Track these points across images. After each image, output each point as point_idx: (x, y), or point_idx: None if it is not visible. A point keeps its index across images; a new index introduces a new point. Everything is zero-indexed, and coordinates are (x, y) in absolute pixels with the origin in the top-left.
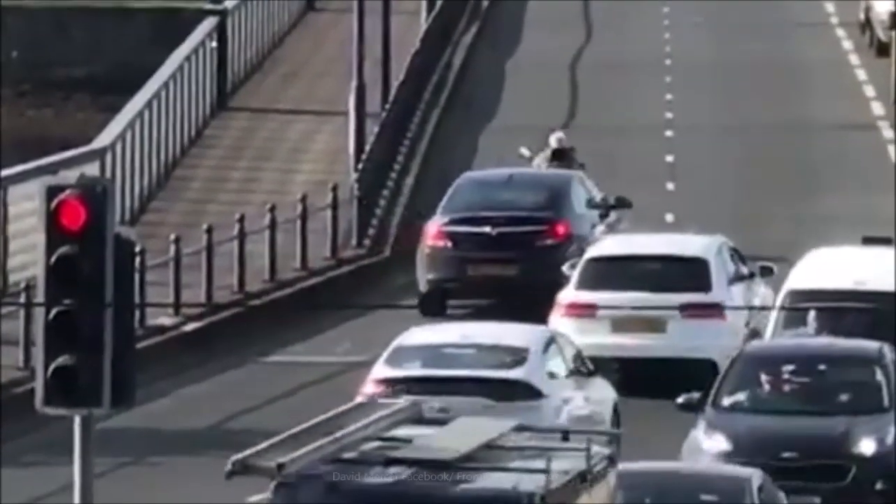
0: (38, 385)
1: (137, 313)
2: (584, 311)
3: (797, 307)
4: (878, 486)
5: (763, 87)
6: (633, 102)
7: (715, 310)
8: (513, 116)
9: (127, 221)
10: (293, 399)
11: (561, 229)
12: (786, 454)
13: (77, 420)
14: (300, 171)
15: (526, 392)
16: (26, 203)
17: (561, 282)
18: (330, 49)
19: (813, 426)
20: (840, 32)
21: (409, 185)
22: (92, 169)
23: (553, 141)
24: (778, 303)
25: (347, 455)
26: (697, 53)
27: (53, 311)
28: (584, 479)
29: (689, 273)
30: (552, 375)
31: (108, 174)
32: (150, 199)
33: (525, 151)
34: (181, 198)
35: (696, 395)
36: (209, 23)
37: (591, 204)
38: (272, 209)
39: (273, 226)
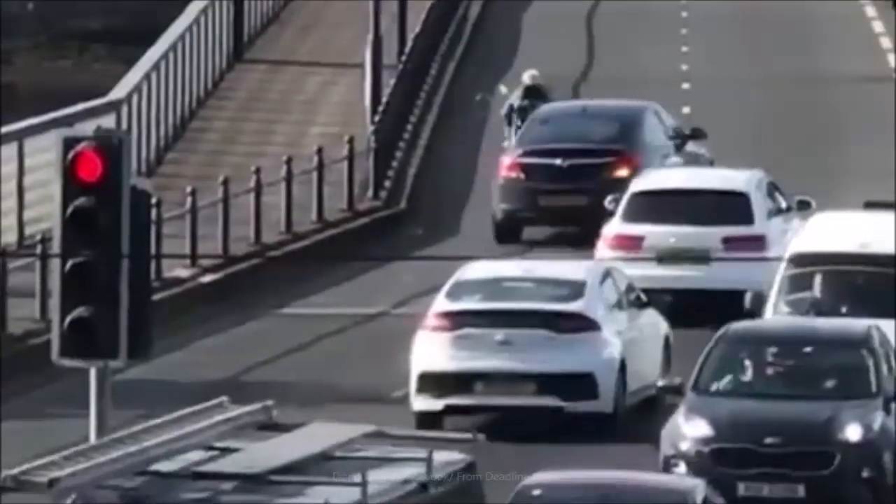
0: (55, 337)
1: (154, 265)
2: (630, 243)
3: (802, 271)
4: (865, 473)
5: (779, 41)
6: (650, 55)
7: (757, 241)
8: (529, 69)
9: (143, 173)
10: (310, 351)
11: (631, 161)
12: (769, 440)
13: (93, 372)
14: (316, 123)
15: (584, 324)
16: (43, 155)
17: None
18: (347, 1)
19: (797, 411)
20: None
21: (426, 138)
22: (108, 121)
23: (526, 78)
24: (782, 267)
25: (160, 467)
26: (712, 5)
27: (69, 263)
28: (425, 489)
29: (732, 206)
30: (608, 308)
31: (124, 126)
32: (166, 150)
33: (503, 89)
34: (197, 150)
35: (677, 379)
36: None
37: (666, 135)
38: (288, 161)
39: (289, 178)
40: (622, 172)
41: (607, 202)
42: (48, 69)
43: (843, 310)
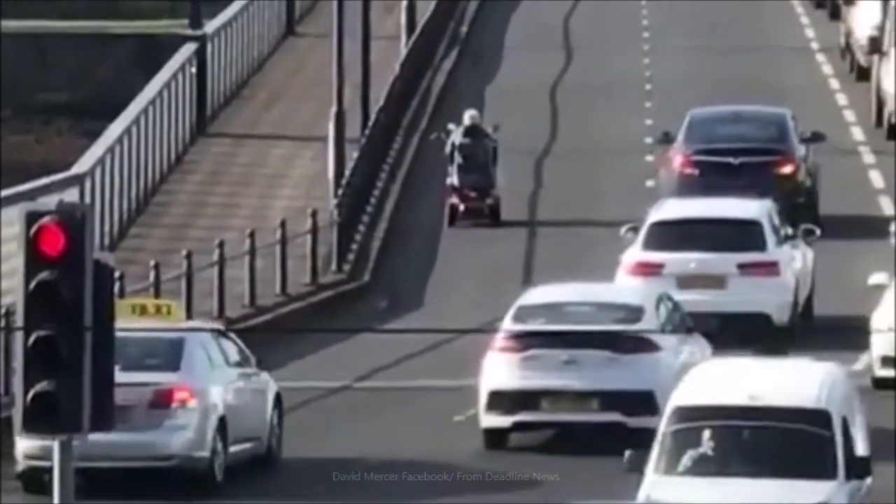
0: (18, 411)
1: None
2: (651, 269)
3: (686, 427)
4: None
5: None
6: (614, 124)
7: (771, 267)
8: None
9: (107, 247)
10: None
11: (792, 160)
12: None
13: (56, 446)
14: (280, 196)
15: (644, 345)
16: (6, 229)
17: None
18: (309, 74)
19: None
20: (820, 57)
21: (389, 211)
22: (71, 194)
23: (467, 118)
24: (663, 424)
25: None
26: (677, 75)
27: (33, 337)
28: None
29: (746, 234)
30: (664, 330)
31: (87, 200)
32: (129, 224)
33: (452, 127)
34: (161, 223)
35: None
36: (189, 48)
37: (801, 139)
38: (252, 235)
39: (253, 251)
40: (786, 170)
41: (622, 232)
42: (12, 143)
43: (734, 469)
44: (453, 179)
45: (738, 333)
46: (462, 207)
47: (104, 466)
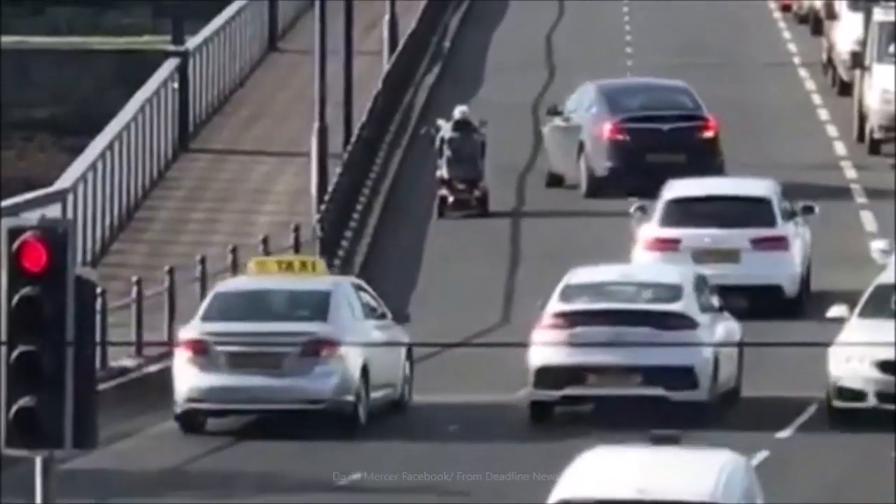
0: (0, 426)
1: (99, 354)
2: (668, 245)
3: None
4: None
5: (725, 127)
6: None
7: (781, 242)
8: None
9: (88, 263)
10: (255, 441)
11: (713, 125)
12: None
13: (38, 461)
14: (262, 212)
15: (684, 322)
16: None
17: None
18: (292, 90)
19: None
20: (803, 73)
21: (373, 226)
22: (53, 210)
23: (457, 113)
24: None
25: None
26: None
27: (15, 352)
28: None
29: (757, 210)
30: (701, 308)
31: (69, 215)
32: (111, 240)
33: (441, 122)
34: (143, 239)
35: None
36: (171, 64)
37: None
38: (234, 250)
39: (235, 267)
40: (709, 134)
41: (631, 210)
42: None
43: None
44: (442, 172)
45: (752, 304)
46: (451, 199)
47: (261, 409)
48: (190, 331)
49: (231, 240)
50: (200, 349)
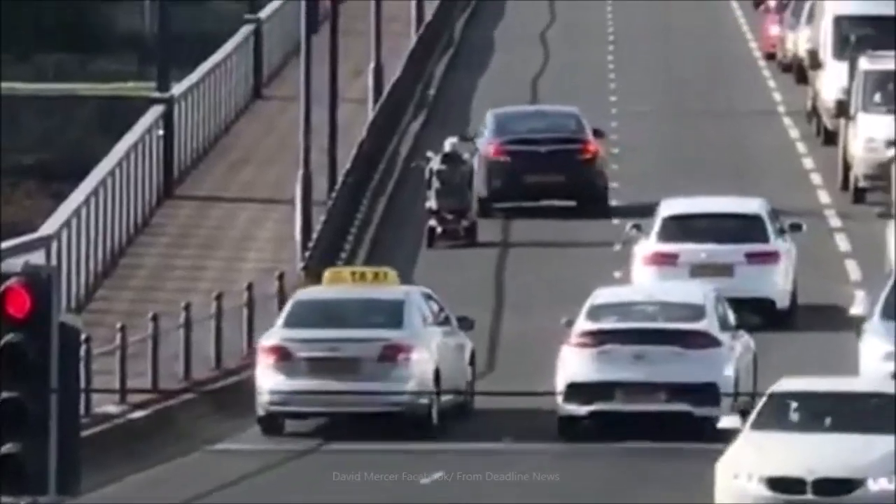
0: None
1: (83, 401)
2: (666, 259)
3: None
4: None
5: (710, 174)
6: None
7: (773, 257)
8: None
9: (73, 309)
10: (240, 488)
11: (591, 147)
12: None
13: None
14: (247, 259)
15: (707, 341)
16: None
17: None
18: (276, 137)
19: None
20: (787, 121)
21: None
22: (38, 256)
23: (447, 146)
24: None
25: None
26: (643, 138)
27: None
28: None
29: (750, 227)
30: (721, 327)
31: (54, 262)
32: (96, 286)
33: (430, 154)
34: (128, 286)
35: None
36: (156, 110)
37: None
38: (219, 297)
39: (219, 313)
40: (587, 156)
41: (627, 228)
42: None
43: None
44: (431, 203)
45: (747, 316)
46: (440, 229)
47: (341, 412)
48: (272, 337)
49: (216, 286)
50: (282, 355)
